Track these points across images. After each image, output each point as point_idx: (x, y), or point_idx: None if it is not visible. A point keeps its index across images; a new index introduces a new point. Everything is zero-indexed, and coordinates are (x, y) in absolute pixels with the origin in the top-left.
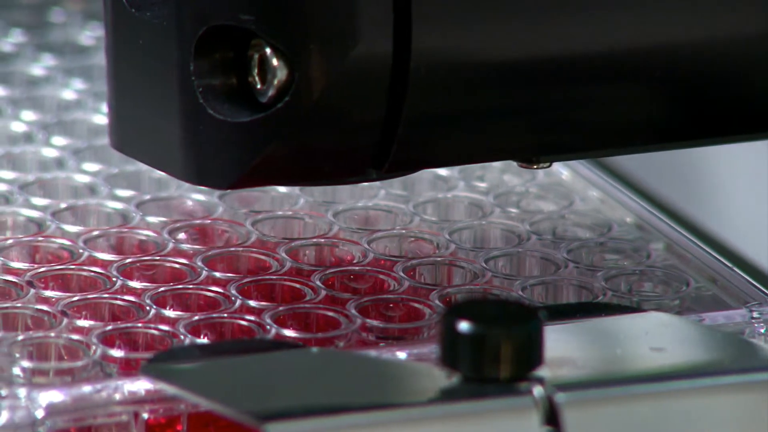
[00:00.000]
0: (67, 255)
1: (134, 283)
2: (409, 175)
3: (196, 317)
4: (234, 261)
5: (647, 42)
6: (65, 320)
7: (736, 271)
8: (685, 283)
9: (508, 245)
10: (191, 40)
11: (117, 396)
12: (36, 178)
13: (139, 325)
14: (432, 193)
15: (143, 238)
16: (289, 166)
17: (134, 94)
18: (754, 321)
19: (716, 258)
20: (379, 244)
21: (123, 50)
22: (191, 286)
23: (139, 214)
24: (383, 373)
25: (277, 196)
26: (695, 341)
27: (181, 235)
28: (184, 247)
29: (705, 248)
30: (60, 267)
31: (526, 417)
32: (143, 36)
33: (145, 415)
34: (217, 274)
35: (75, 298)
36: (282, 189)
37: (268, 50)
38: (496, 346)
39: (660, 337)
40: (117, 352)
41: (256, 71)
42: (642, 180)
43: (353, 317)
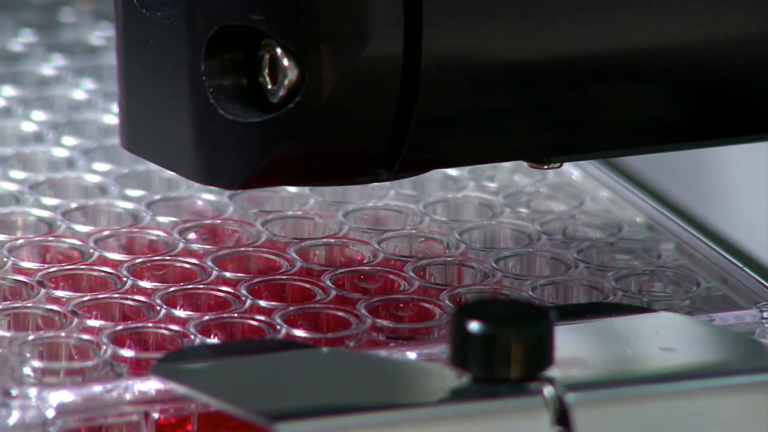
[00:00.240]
0: (78, 255)
1: (145, 283)
2: (420, 176)
3: (207, 317)
4: (244, 261)
5: (658, 42)
6: (76, 320)
7: (747, 271)
8: (695, 284)
9: (518, 245)
10: (202, 40)
11: (127, 396)
12: (46, 178)
13: (150, 325)
14: (442, 193)
15: (153, 238)
16: (300, 166)
17: (145, 94)
18: (764, 321)
19: (727, 258)
20: (390, 244)
21: (134, 50)
22: (201, 286)
23: (149, 214)
24: (393, 373)
25: (287, 196)
26: (706, 341)
27: (192, 235)
28: (195, 247)
29: (715, 248)
30: (70, 267)
31: (536, 417)
32: (154, 36)
33: (156, 415)
34: (228, 274)
35: (85, 298)
36: (292, 189)
37: (278, 50)
38: (506, 346)
39: (670, 338)
40: (127, 352)
41: (267, 71)
42: (652, 180)
43: (363, 317)
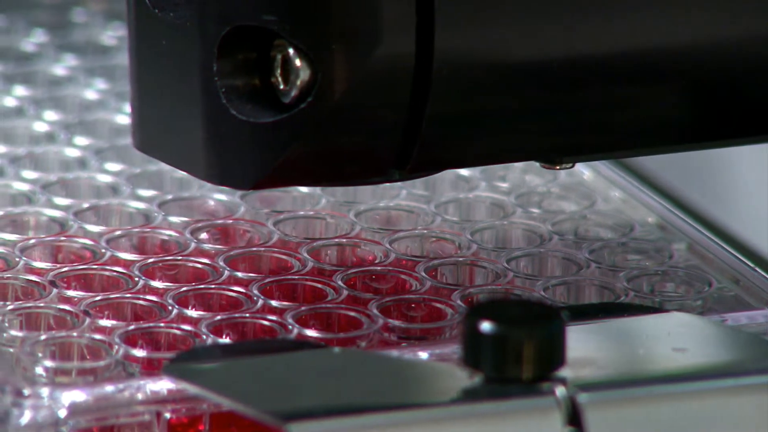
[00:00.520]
0: (90, 255)
1: (156, 283)
2: (431, 176)
3: (219, 317)
4: (256, 261)
5: (671, 43)
6: (88, 320)
7: (759, 271)
8: (707, 284)
9: (530, 245)
10: (214, 40)
11: (139, 396)
12: (58, 178)
13: (162, 324)
14: (454, 194)
15: (165, 237)
16: (312, 166)
17: (157, 94)
18: None
19: (739, 258)
20: (401, 244)
21: (146, 51)
22: (213, 286)
23: (161, 214)
24: (405, 373)
25: (298, 196)
26: (718, 342)
27: (203, 235)
28: (206, 247)
29: (727, 248)
30: (82, 267)
31: (548, 417)
32: (166, 37)
33: (168, 415)
34: (239, 274)
35: (97, 298)
36: (304, 189)
37: (290, 51)
38: (518, 347)
39: (682, 338)
40: (139, 352)
41: (279, 72)
42: (664, 180)
43: (375, 317)
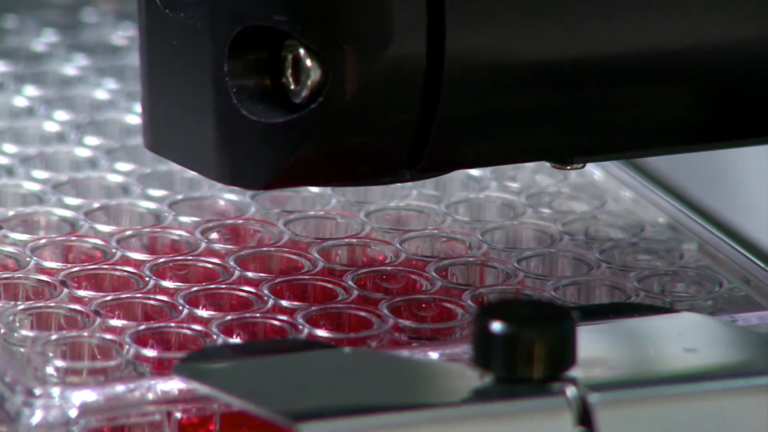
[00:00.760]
0: (100, 255)
1: (167, 283)
2: (442, 176)
3: (229, 317)
4: (266, 261)
5: (682, 43)
6: (98, 320)
7: None
8: (718, 284)
9: (540, 245)
10: (225, 40)
11: (150, 395)
12: (69, 177)
13: (172, 324)
14: (464, 194)
15: (176, 237)
16: (323, 166)
17: (168, 94)
18: None
19: (749, 258)
20: (411, 244)
21: (157, 51)
22: (224, 285)
23: (171, 214)
24: (416, 373)
25: (309, 196)
26: (728, 342)
27: (214, 235)
28: (217, 246)
29: (738, 249)
30: (93, 267)
31: (559, 417)
32: (177, 37)
33: (178, 415)
34: (250, 274)
35: (108, 298)
36: (314, 189)
37: (301, 51)
38: (529, 347)
39: (693, 338)
40: (150, 352)
41: (290, 72)
42: (675, 180)
43: (385, 317)
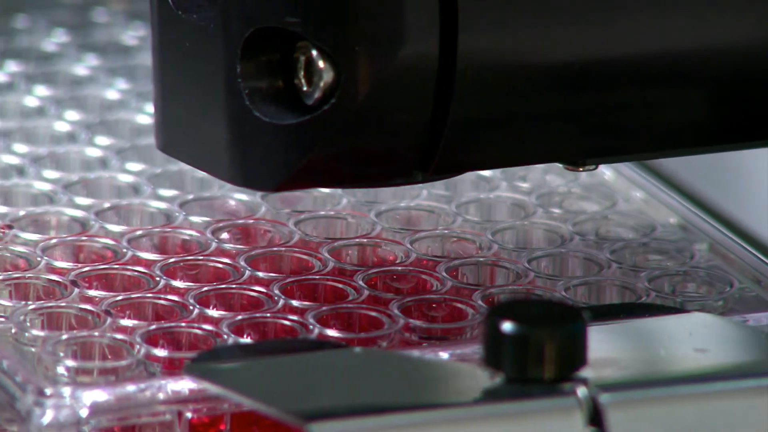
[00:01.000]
0: (111, 254)
1: (177, 283)
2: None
3: (240, 317)
4: (277, 261)
5: (695, 45)
6: (109, 320)
7: None
8: (728, 284)
9: (551, 246)
10: (238, 42)
11: (161, 395)
12: (80, 177)
13: (183, 324)
14: (474, 194)
15: (186, 237)
16: (335, 168)
17: (181, 96)
18: None
19: (760, 259)
20: (422, 244)
21: (169, 52)
22: (234, 285)
23: (182, 214)
24: (426, 373)
25: (319, 196)
26: (739, 342)
27: (224, 235)
28: (228, 246)
29: (749, 249)
30: (104, 266)
31: (569, 418)
32: (190, 38)
33: (189, 415)
34: (260, 274)
35: (119, 298)
36: (325, 189)
37: (314, 52)
38: (539, 347)
39: (703, 338)
40: (160, 352)
41: (302, 73)
42: (685, 180)
43: (396, 317)
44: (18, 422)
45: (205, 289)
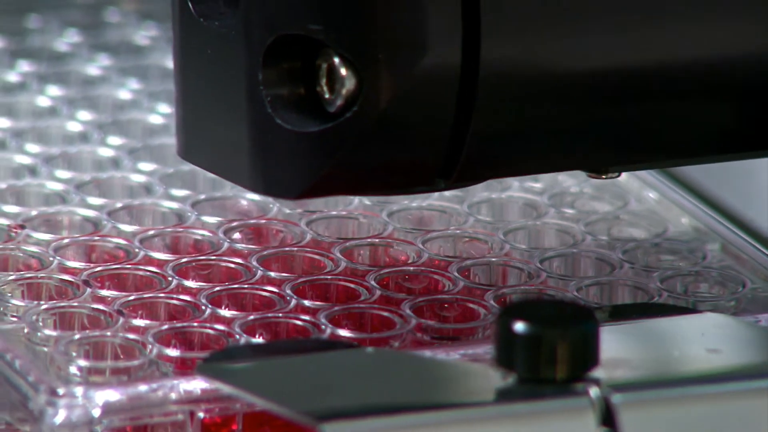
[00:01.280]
0: (123, 254)
1: (190, 283)
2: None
3: (252, 317)
4: (289, 261)
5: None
6: (121, 319)
7: None
8: (741, 284)
9: (563, 246)
10: (260, 49)
11: (173, 395)
12: (92, 177)
13: (195, 324)
14: (486, 194)
15: (198, 237)
16: (357, 176)
17: (202, 103)
18: None
19: None
20: (434, 244)
21: (191, 59)
22: (246, 285)
23: (194, 214)
24: (438, 373)
25: (331, 197)
26: (751, 342)
27: (237, 235)
28: (239, 246)
29: (761, 249)
30: (116, 266)
31: (582, 418)
32: (211, 45)
33: (201, 415)
34: (272, 274)
35: (131, 298)
36: None
37: (336, 60)
38: (552, 347)
39: (716, 339)
40: (173, 352)
41: (325, 81)
42: (698, 181)
43: (408, 317)
44: (30, 422)
45: (217, 289)
